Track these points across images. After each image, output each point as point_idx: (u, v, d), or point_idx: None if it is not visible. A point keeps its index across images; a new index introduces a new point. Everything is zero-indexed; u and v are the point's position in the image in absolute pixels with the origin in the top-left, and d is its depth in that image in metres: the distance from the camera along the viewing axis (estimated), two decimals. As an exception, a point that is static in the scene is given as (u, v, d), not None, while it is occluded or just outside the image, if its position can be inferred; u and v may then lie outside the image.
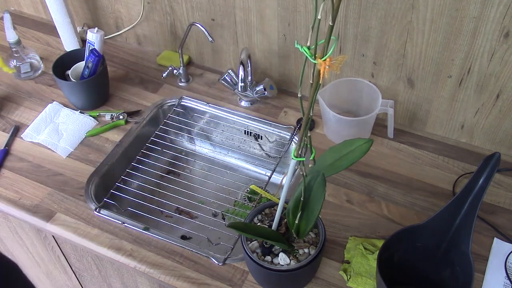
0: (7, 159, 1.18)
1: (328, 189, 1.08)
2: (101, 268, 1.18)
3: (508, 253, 0.96)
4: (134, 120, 1.27)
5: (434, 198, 1.07)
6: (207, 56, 1.39)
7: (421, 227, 0.86)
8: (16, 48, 1.35)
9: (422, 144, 1.18)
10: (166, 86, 1.36)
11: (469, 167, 1.12)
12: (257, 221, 0.90)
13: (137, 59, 1.45)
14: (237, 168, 1.35)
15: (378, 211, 1.05)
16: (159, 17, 1.37)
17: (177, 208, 1.19)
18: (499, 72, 1.02)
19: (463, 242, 0.81)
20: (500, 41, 0.97)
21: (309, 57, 0.57)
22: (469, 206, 0.79)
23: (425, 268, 0.89)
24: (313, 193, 0.79)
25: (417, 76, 1.11)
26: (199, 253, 0.99)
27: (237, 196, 1.27)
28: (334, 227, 1.02)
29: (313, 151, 0.72)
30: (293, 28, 1.18)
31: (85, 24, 1.51)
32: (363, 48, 1.13)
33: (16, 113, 1.30)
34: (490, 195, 1.06)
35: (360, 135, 1.16)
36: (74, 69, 1.29)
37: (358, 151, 0.77)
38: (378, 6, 1.04)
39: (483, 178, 0.77)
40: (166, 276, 0.96)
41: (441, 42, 1.03)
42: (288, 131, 1.24)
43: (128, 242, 1.01)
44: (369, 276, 0.92)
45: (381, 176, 1.11)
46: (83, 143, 1.22)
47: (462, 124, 1.15)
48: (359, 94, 1.18)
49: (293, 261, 0.83)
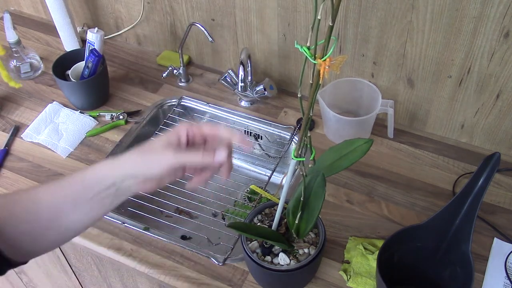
0: (7, 159, 1.18)
1: (328, 189, 1.08)
2: (101, 268, 1.18)
3: (508, 253, 0.96)
4: (134, 120, 1.27)
5: (434, 198, 1.07)
6: (207, 56, 1.39)
7: (421, 227, 0.86)
8: (16, 48, 1.35)
9: (422, 144, 1.18)
10: (166, 86, 1.36)
11: (469, 167, 1.12)
12: (257, 221, 0.90)
13: (137, 59, 1.45)
14: (237, 168, 1.35)
15: (378, 211, 1.05)
16: (159, 17, 1.37)
17: (177, 208, 1.19)
18: (499, 72, 1.02)
19: (463, 242, 0.81)
20: (500, 41, 0.97)
21: (309, 57, 0.57)
22: (469, 206, 0.79)
23: (425, 268, 0.89)
24: (313, 193, 0.79)
25: (417, 76, 1.11)
26: (199, 253, 0.99)
27: (237, 196, 1.27)
28: (334, 227, 1.02)
29: (313, 151, 0.72)
30: (293, 28, 1.18)
31: (85, 24, 1.51)
32: (363, 48, 1.13)
33: (16, 113, 1.30)
34: (490, 195, 1.06)
35: (360, 135, 1.16)
36: (74, 69, 1.29)
37: (358, 151, 0.77)
38: (378, 6, 1.04)
39: (483, 178, 0.77)
40: (166, 276, 0.96)
41: (441, 42, 1.03)
42: (288, 131, 1.24)
43: (128, 242, 1.01)
44: (369, 276, 0.92)
45: (381, 176, 1.11)
46: (83, 143, 1.22)
47: (462, 124, 1.15)
48: (359, 94, 1.18)
49: (293, 261, 0.83)
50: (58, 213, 0.63)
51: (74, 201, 0.63)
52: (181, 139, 0.66)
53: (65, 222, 0.64)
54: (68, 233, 0.66)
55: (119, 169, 0.64)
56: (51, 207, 0.63)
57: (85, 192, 0.63)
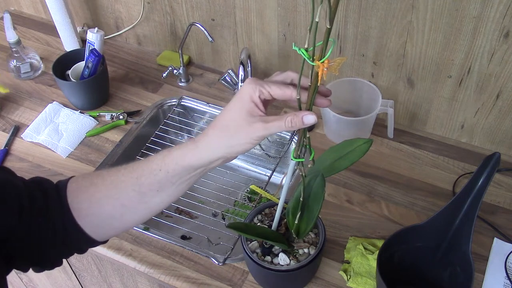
0: (7, 159, 1.18)
1: (328, 189, 1.08)
2: (101, 268, 1.18)
3: (508, 253, 0.96)
4: (134, 120, 1.27)
5: (434, 198, 1.07)
6: (207, 56, 1.39)
7: (421, 227, 0.86)
8: (16, 48, 1.35)
9: (422, 144, 1.18)
10: (166, 86, 1.36)
11: (469, 167, 1.12)
12: (257, 221, 0.90)
13: (137, 59, 1.45)
14: (237, 168, 1.35)
15: (378, 211, 1.05)
16: (159, 17, 1.37)
17: (177, 208, 1.19)
18: (499, 72, 1.02)
19: (463, 242, 0.81)
20: (500, 41, 0.97)
21: (307, 59, 0.57)
22: (469, 206, 0.79)
23: (425, 268, 0.88)
24: (312, 193, 0.79)
25: (417, 76, 1.11)
26: (199, 253, 0.99)
27: (237, 196, 1.27)
28: (334, 227, 1.02)
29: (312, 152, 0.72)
30: (293, 28, 1.18)
31: (85, 24, 1.51)
32: (363, 48, 1.13)
33: (16, 113, 1.30)
34: (490, 195, 1.06)
35: (360, 135, 1.16)
36: (74, 69, 1.29)
37: (358, 151, 0.77)
38: (378, 6, 1.04)
39: (483, 178, 0.77)
40: (166, 276, 0.96)
41: (441, 42, 1.03)
42: (288, 131, 1.23)
43: (128, 242, 1.01)
44: (369, 276, 0.92)
45: (381, 176, 1.11)
46: (83, 143, 1.22)
47: (462, 124, 1.15)
48: (359, 94, 1.18)
49: (293, 261, 0.83)
50: (141, 198, 0.64)
51: (159, 188, 0.63)
52: (259, 106, 0.61)
53: (146, 205, 0.64)
54: (148, 213, 0.66)
55: (206, 155, 0.62)
56: (133, 194, 0.63)
57: (170, 179, 0.63)
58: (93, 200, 0.64)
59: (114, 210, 0.64)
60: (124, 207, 0.64)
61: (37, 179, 0.66)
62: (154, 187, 0.63)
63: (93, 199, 0.64)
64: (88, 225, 0.64)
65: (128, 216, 0.65)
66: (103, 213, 0.64)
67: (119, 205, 0.64)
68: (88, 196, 0.64)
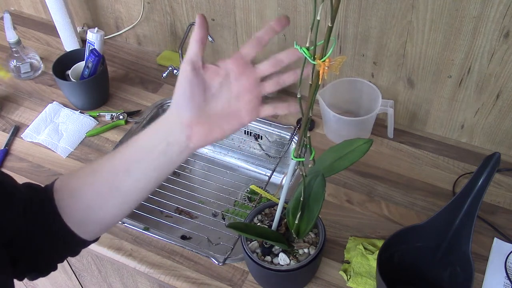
0: (7, 159, 1.18)
1: (328, 189, 1.08)
2: (101, 268, 1.18)
3: (508, 253, 0.96)
4: (134, 120, 1.27)
5: (434, 198, 1.07)
6: (207, 56, 1.39)
7: (421, 227, 0.86)
8: (16, 48, 1.35)
9: (422, 144, 1.18)
10: (166, 86, 1.36)
11: (469, 167, 1.12)
12: (257, 221, 0.90)
13: (137, 59, 1.45)
14: (237, 168, 1.35)
15: (378, 211, 1.05)
16: (159, 17, 1.37)
17: (177, 208, 1.19)
18: (499, 72, 1.02)
19: (463, 242, 0.81)
20: (500, 41, 0.97)
21: (308, 58, 0.57)
22: (469, 206, 0.79)
23: (425, 268, 0.88)
24: (313, 193, 0.79)
25: (417, 76, 1.11)
26: (199, 253, 0.99)
27: (237, 196, 1.27)
28: (334, 227, 1.02)
29: (312, 151, 0.72)
30: (293, 28, 1.18)
31: (85, 24, 1.51)
32: (363, 48, 1.13)
33: (16, 113, 1.30)
34: (490, 195, 1.06)
35: (360, 135, 1.16)
36: (74, 69, 1.29)
37: (358, 151, 0.77)
38: (378, 6, 1.04)
39: (483, 178, 0.77)
40: (166, 276, 0.96)
41: (441, 42, 1.03)
42: (288, 131, 1.24)
43: (128, 242, 1.01)
44: (369, 276, 0.92)
45: (381, 176, 1.11)
46: (83, 143, 1.22)
47: (462, 124, 1.15)
48: (359, 94, 1.18)
49: (293, 261, 0.83)
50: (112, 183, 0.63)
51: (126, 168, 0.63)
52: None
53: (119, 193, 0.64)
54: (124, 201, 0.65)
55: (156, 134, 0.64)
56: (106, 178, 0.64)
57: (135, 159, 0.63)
58: (72, 192, 0.64)
59: (91, 201, 0.64)
60: (99, 195, 0.64)
61: (26, 184, 0.66)
62: (122, 167, 0.63)
63: (72, 190, 0.64)
64: (75, 223, 0.64)
65: (105, 206, 0.64)
66: (82, 205, 0.64)
67: (95, 194, 0.63)
68: (69, 188, 0.64)
